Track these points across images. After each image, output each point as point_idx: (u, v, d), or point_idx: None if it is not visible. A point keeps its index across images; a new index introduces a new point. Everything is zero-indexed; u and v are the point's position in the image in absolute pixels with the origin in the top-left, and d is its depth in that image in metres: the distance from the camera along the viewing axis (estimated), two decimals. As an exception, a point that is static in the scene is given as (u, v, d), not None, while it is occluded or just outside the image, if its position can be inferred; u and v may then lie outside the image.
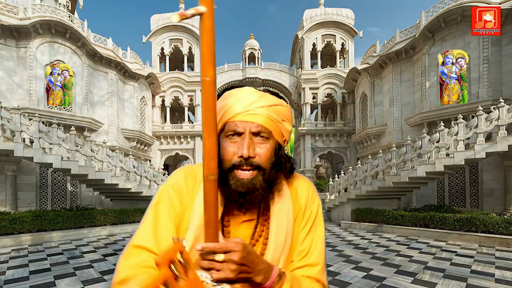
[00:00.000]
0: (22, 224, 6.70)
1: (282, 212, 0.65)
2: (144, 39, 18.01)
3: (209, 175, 0.50)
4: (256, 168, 0.60)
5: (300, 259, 0.66)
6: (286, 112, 0.66)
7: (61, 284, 3.59)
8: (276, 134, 0.63)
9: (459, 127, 7.49)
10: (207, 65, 0.44)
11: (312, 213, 0.70)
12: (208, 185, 0.50)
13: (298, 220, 0.68)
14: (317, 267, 0.66)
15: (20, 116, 7.30)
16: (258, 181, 0.60)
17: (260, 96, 0.63)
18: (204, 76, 0.45)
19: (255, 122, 0.60)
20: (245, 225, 0.66)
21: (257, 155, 0.60)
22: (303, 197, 0.70)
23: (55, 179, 11.12)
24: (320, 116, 18.44)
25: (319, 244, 0.68)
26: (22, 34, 10.60)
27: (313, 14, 18.06)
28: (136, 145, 14.75)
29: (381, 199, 9.82)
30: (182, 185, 0.66)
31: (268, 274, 0.55)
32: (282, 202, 0.66)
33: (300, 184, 0.72)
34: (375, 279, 3.73)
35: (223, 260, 0.49)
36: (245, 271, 0.51)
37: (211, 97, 0.46)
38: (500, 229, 6.03)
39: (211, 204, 0.51)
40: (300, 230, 0.68)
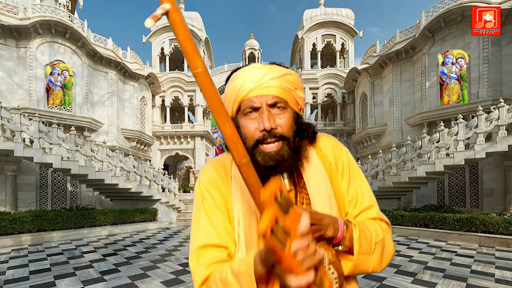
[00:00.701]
0: (22, 224, 6.70)
1: (315, 173, 0.66)
2: (144, 39, 17.99)
3: (241, 159, 0.49)
4: (280, 138, 0.60)
5: (353, 208, 0.67)
6: (297, 80, 0.67)
7: (61, 284, 3.59)
8: (291, 103, 0.64)
9: (459, 127, 7.49)
10: (193, 57, 0.44)
11: (344, 163, 0.70)
12: (245, 169, 0.49)
13: (334, 175, 0.68)
14: (373, 209, 0.67)
15: (20, 116, 7.30)
16: (285, 151, 0.60)
17: (269, 68, 0.63)
18: (195, 69, 0.45)
19: (270, 94, 0.60)
20: None
21: (278, 125, 0.60)
22: (330, 152, 0.70)
23: (55, 179, 11.12)
24: (320, 116, 18.45)
25: (364, 187, 0.69)
26: (22, 34, 10.59)
27: (313, 14, 18.06)
28: (136, 145, 14.75)
29: (381, 199, 9.82)
30: (216, 178, 0.67)
31: (336, 226, 0.56)
32: (313, 166, 0.67)
33: (322, 141, 0.72)
34: (375, 279, 3.73)
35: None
36: (316, 229, 0.52)
37: (209, 85, 0.46)
38: (500, 229, 6.03)
39: (255, 186, 0.49)
40: (340, 182, 0.68)
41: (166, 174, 11.51)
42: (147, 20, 0.41)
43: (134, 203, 10.04)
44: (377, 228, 0.62)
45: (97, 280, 3.74)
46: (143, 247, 6.04)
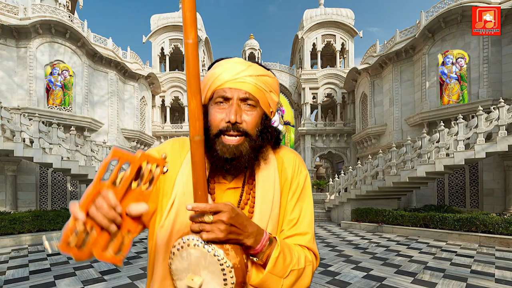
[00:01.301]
0: (22, 224, 6.69)
1: (267, 180, 0.66)
2: (144, 39, 18.00)
3: (195, 136, 0.51)
4: (243, 134, 0.61)
5: (289, 228, 0.66)
6: (273, 83, 0.67)
7: (61, 284, 3.60)
8: (263, 104, 0.65)
9: (459, 127, 7.49)
10: (189, 27, 0.46)
11: (299, 183, 0.70)
12: (194, 146, 0.51)
13: (285, 191, 0.68)
14: (307, 236, 0.66)
15: (20, 116, 7.30)
16: (244, 147, 0.61)
17: (249, 65, 0.64)
18: (187, 39, 0.46)
19: (243, 89, 0.61)
20: (230, 192, 0.66)
21: (244, 121, 0.61)
22: (290, 168, 0.70)
23: (55, 179, 11.12)
24: (320, 116, 18.44)
25: (308, 214, 0.69)
26: (22, 34, 10.59)
27: (313, 14, 18.06)
28: (136, 145, 14.75)
29: (381, 199, 9.82)
30: (167, 152, 0.67)
31: (258, 238, 0.55)
32: (268, 171, 0.67)
33: (286, 155, 0.72)
34: (375, 279, 3.73)
35: (212, 221, 0.50)
36: (235, 232, 0.51)
37: (194, 59, 0.48)
38: (500, 229, 6.03)
39: (199, 165, 0.52)
40: (288, 200, 0.68)
41: (166, 174, 11.49)
42: None
43: (134, 203, 10.03)
44: (301, 256, 0.62)
45: (97, 280, 3.74)
46: (143, 247, 6.04)
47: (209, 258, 0.50)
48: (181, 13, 0.47)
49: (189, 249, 0.50)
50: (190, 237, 0.51)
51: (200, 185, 0.52)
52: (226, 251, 0.50)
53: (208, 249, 0.49)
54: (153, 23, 17.88)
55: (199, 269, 0.51)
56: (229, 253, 0.51)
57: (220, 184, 0.66)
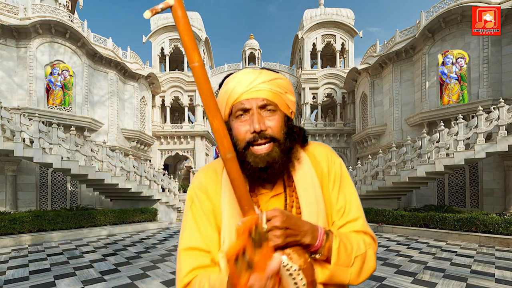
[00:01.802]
0: (22, 224, 6.70)
1: (305, 178, 0.66)
2: (144, 39, 18.00)
3: (226, 154, 0.51)
4: (271, 140, 0.61)
5: (340, 218, 0.67)
6: (287, 84, 0.68)
7: (61, 284, 3.59)
8: (282, 106, 0.65)
9: (459, 127, 7.48)
10: (191, 52, 0.47)
11: (336, 173, 0.70)
12: (228, 164, 0.52)
13: (325, 183, 0.69)
14: (359, 221, 0.67)
15: (20, 116, 7.30)
16: (276, 153, 0.61)
17: (259, 73, 0.65)
18: (192, 63, 0.47)
19: (260, 97, 0.62)
20: (274, 200, 0.67)
21: (269, 127, 0.62)
22: (323, 160, 0.70)
23: (55, 179, 11.12)
24: (320, 116, 18.45)
25: (353, 199, 0.69)
26: (22, 34, 10.60)
27: (313, 14, 18.06)
28: (136, 145, 14.75)
29: (381, 199, 9.82)
30: (206, 184, 0.69)
31: (315, 234, 0.56)
32: (303, 169, 0.67)
33: (317, 148, 0.73)
34: (375, 279, 3.73)
35: (268, 230, 0.50)
36: (291, 234, 0.52)
37: (204, 80, 0.48)
38: (500, 229, 6.03)
39: (237, 180, 0.52)
40: (330, 191, 0.68)
41: (166, 174, 11.50)
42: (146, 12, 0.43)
43: (134, 203, 10.03)
44: (359, 241, 0.62)
45: (97, 280, 3.74)
46: (143, 247, 6.04)
47: None
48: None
49: None
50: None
51: (245, 200, 0.53)
52: (289, 255, 0.51)
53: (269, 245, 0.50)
54: (153, 23, 17.88)
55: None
56: (292, 256, 0.51)
57: (262, 194, 0.67)
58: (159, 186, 10.86)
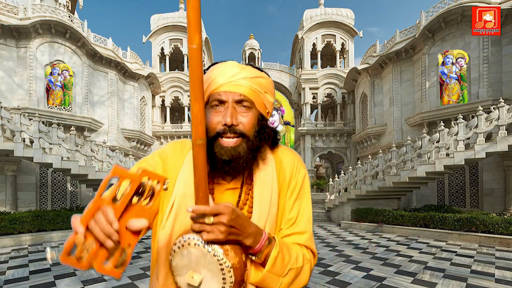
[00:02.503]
0: (22, 224, 6.69)
1: (266, 180, 0.66)
2: (144, 39, 18.00)
3: (197, 140, 0.52)
4: (240, 135, 0.62)
5: (288, 227, 0.67)
6: (268, 84, 0.68)
7: (61, 284, 3.60)
8: (258, 105, 0.65)
9: (459, 127, 7.49)
10: (194, 32, 0.47)
11: (297, 182, 0.70)
12: (197, 149, 0.53)
13: (284, 190, 0.69)
14: (305, 235, 0.67)
15: (20, 116, 7.30)
16: (242, 148, 0.62)
17: (242, 68, 0.65)
18: (191, 44, 0.47)
19: (237, 92, 0.62)
20: (229, 193, 0.67)
21: (240, 123, 0.62)
22: (288, 168, 0.71)
23: (55, 179, 11.12)
24: (320, 116, 18.44)
25: (306, 212, 0.69)
26: (22, 34, 10.59)
27: (313, 14, 18.06)
28: (136, 145, 14.75)
29: (381, 199, 9.82)
30: (168, 154, 0.69)
31: (257, 238, 0.56)
32: (266, 171, 0.67)
33: (285, 154, 0.73)
34: (375, 279, 3.73)
35: (213, 223, 0.51)
36: (235, 233, 0.52)
37: (198, 64, 0.48)
38: (500, 229, 6.03)
39: (200, 167, 0.53)
40: (287, 199, 0.69)
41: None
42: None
43: (134, 203, 10.03)
44: (299, 255, 0.63)
45: (97, 280, 3.74)
46: (143, 247, 6.04)
47: (209, 258, 0.51)
48: (184, 13, 0.47)
49: (189, 247, 0.51)
50: (191, 236, 0.52)
51: (202, 187, 0.53)
52: (226, 251, 0.51)
53: (208, 249, 0.51)
54: (153, 23, 17.88)
55: (199, 267, 0.52)
56: (228, 253, 0.52)
57: (219, 185, 0.67)
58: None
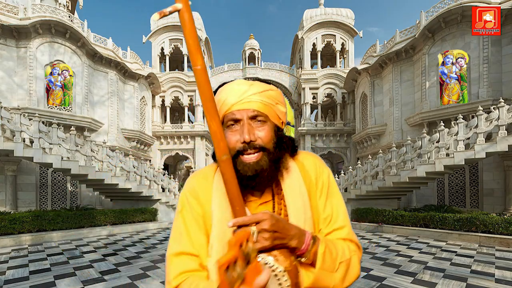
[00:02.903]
0: (22, 224, 6.70)
1: (293, 186, 0.68)
2: (144, 39, 18.00)
3: (222, 156, 0.53)
4: (260, 149, 0.63)
5: (326, 226, 0.69)
6: (278, 95, 0.70)
7: (61, 284, 3.59)
8: (272, 117, 0.67)
9: (459, 127, 7.48)
10: (195, 55, 0.49)
11: (324, 182, 0.72)
12: (223, 165, 0.53)
13: (313, 191, 0.70)
14: (345, 229, 0.69)
15: (20, 116, 7.30)
16: (264, 162, 0.63)
17: (251, 84, 0.67)
18: (195, 66, 0.49)
19: (250, 108, 0.64)
20: (263, 207, 0.68)
21: (258, 137, 0.63)
22: (312, 169, 0.72)
23: (55, 179, 11.12)
24: (320, 116, 18.44)
25: (340, 208, 0.71)
26: (22, 34, 10.59)
27: (313, 14, 18.06)
28: (136, 145, 14.75)
29: (381, 199, 9.82)
30: (197, 189, 0.70)
31: (301, 239, 0.57)
32: (291, 178, 0.69)
33: (306, 158, 0.74)
34: (375, 279, 3.73)
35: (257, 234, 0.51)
36: (279, 237, 0.53)
37: (205, 83, 0.50)
38: (500, 229, 6.03)
39: (231, 182, 0.54)
40: (317, 199, 0.70)
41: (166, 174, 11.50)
42: (154, 14, 0.45)
43: (134, 203, 10.04)
44: (345, 248, 0.64)
45: (97, 280, 3.74)
46: (143, 247, 6.04)
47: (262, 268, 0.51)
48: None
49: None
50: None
51: (237, 201, 0.54)
52: (275, 257, 0.53)
53: (258, 259, 0.51)
54: (153, 23, 17.88)
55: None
56: (278, 258, 0.53)
57: (250, 202, 0.68)
58: (159, 186, 10.86)
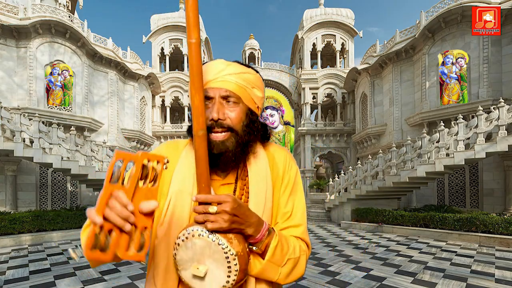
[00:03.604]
0: (22, 224, 6.70)
1: (260, 174, 0.68)
2: (144, 39, 18.00)
3: (199, 130, 0.54)
4: (228, 130, 0.63)
5: (284, 221, 0.69)
6: (256, 79, 0.70)
7: (61, 284, 3.60)
8: (246, 100, 0.67)
9: (459, 127, 7.49)
10: (193, 28, 0.49)
11: (290, 178, 0.72)
12: (198, 140, 0.54)
13: (277, 185, 0.71)
14: (300, 227, 0.70)
15: (20, 116, 7.30)
16: (231, 142, 0.63)
17: (228, 65, 0.67)
18: (190, 38, 0.50)
19: (223, 88, 0.64)
20: (224, 188, 0.69)
21: (228, 117, 0.64)
22: (281, 163, 0.73)
23: (55, 179, 11.12)
24: (320, 116, 18.43)
25: (301, 207, 0.72)
26: (22, 34, 10.59)
27: (313, 14, 18.05)
28: (136, 145, 14.75)
29: (381, 199, 9.82)
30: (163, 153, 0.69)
31: (258, 228, 0.58)
32: (259, 166, 0.69)
33: (277, 151, 0.75)
34: (375, 279, 3.73)
35: (217, 212, 0.52)
36: (237, 221, 0.54)
37: (197, 57, 0.51)
38: (500, 229, 6.03)
39: (202, 158, 0.55)
40: (281, 194, 0.71)
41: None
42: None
43: (134, 203, 10.03)
44: (296, 246, 0.65)
45: (97, 280, 3.74)
46: (143, 247, 6.04)
47: (214, 247, 0.52)
48: (184, 13, 0.49)
49: (193, 239, 0.53)
50: (195, 227, 0.53)
51: (204, 178, 0.55)
52: (230, 240, 0.53)
53: (212, 239, 0.52)
54: (153, 23, 17.88)
55: (204, 258, 0.53)
56: (232, 241, 0.53)
57: (213, 181, 0.68)
58: (159, 186, 10.85)
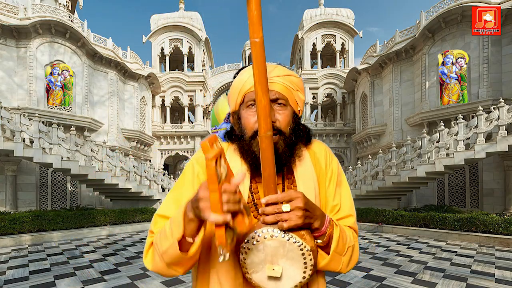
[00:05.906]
0: (22, 224, 6.69)
1: (306, 174, 0.69)
2: (144, 39, 17.99)
3: (267, 131, 0.52)
4: (277, 132, 0.63)
5: (335, 214, 0.70)
6: (299, 82, 0.71)
7: (61, 284, 3.59)
8: (292, 102, 0.68)
9: (459, 127, 7.49)
10: (256, 26, 0.48)
11: (333, 171, 0.73)
12: (266, 142, 0.52)
13: (322, 180, 0.71)
14: (350, 218, 0.71)
15: (20, 116, 7.30)
16: (280, 145, 0.63)
17: (275, 67, 0.68)
18: (253, 38, 0.48)
19: (273, 90, 0.63)
20: None
21: (277, 120, 0.63)
22: (322, 158, 0.73)
23: (55, 179, 11.12)
24: (320, 116, 18.44)
25: (348, 198, 0.73)
26: (22, 34, 10.59)
27: (313, 14, 18.05)
28: (136, 145, 14.74)
29: (381, 199, 9.82)
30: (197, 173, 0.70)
31: (323, 220, 0.59)
32: (304, 165, 0.69)
33: (316, 146, 0.76)
34: (375, 279, 3.73)
35: (290, 210, 0.51)
36: (308, 216, 0.54)
37: (261, 57, 0.49)
38: (500, 229, 6.03)
39: (269, 159, 0.53)
40: (326, 187, 0.71)
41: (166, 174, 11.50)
42: None
43: (134, 203, 10.03)
44: (350, 235, 0.67)
45: (97, 280, 3.74)
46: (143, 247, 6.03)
47: (288, 246, 0.52)
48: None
49: (265, 241, 0.52)
50: (264, 229, 0.52)
51: (272, 179, 0.54)
52: (303, 237, 0.53)
53: (286, 238, 0.51)
54: (153, 23, 17.87)
55: (277, 258, 0.53)
56: (305, 237, 0.53)
57: (261, 183, 0.68)
58: (159, 186, 10.86)
